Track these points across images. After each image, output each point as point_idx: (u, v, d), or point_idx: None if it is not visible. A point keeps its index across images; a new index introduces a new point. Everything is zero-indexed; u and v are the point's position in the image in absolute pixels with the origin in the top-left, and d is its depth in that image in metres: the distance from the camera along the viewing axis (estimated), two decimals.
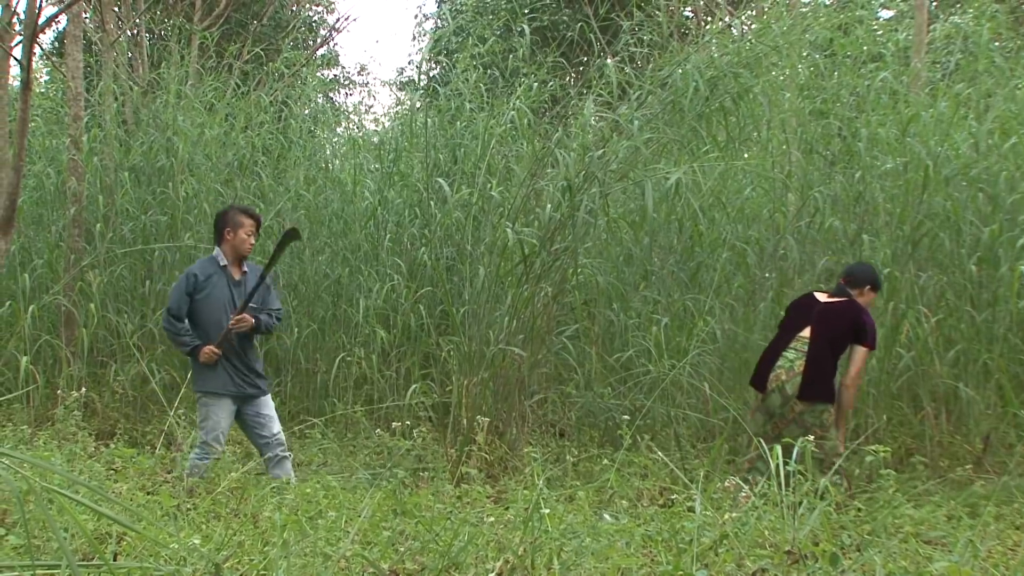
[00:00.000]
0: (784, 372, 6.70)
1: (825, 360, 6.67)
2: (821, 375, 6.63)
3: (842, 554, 3.89)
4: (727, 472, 6.84)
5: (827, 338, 6.70)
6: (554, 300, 8.78)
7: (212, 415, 6.87)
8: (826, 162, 9.25)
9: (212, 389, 6.89)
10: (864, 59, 9.89)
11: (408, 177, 10.80)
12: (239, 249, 7.11)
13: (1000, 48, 10.15)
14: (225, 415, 6.90)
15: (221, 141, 11.07)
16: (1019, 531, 4.88)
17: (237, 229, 7.06)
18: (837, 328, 6.72)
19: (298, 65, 14.62)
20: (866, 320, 6.73)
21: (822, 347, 6.68)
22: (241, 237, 7.08)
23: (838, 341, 6.72)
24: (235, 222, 7.08)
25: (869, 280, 6.94)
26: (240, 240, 7.08)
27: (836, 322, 6.73)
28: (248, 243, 7.13)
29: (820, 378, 6.62)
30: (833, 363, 6.71)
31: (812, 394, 6.60)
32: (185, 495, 5.81)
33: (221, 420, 6.87)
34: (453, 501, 5.84)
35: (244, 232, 7.08)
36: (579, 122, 10.76)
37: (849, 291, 6.87)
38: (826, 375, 6.66)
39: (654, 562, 3.98)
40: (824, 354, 6.67)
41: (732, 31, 12.46)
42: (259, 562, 3.91)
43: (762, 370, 6.90)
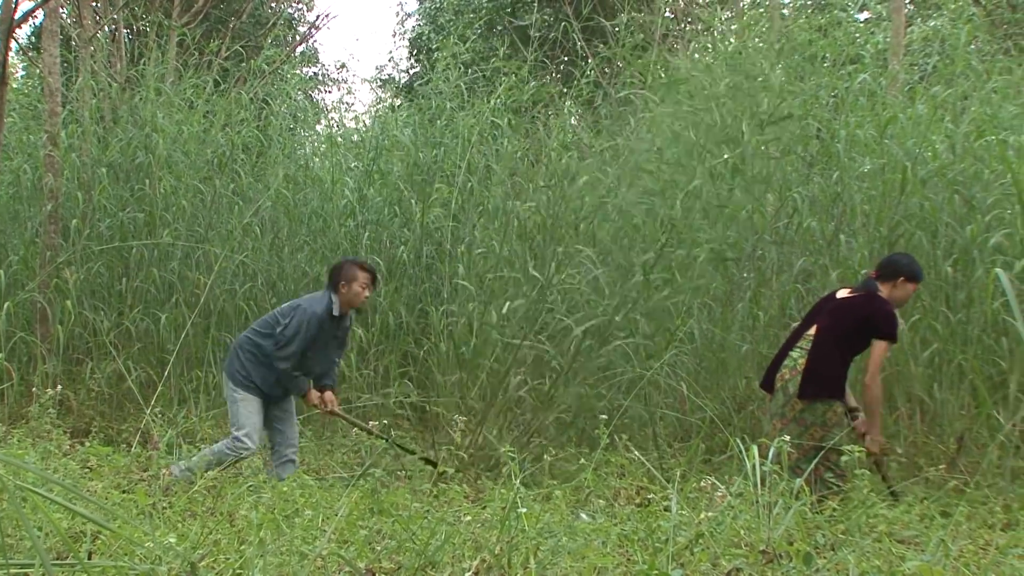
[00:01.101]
0: (788, 371, 6.55)
1: (828, 357, 6.46)
2: (822, 372, 6.44)
3: (816, 553, 3.90)
4: (704, 472, 6.84)
5: (834, 335, 6.49)
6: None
7: (243, 409, 7.03)
8: (804, 163, 9.28)
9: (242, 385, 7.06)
10: (843, 61, 9.93)
11: (388, 176, 10.79)
12: (353, 302, 7.27)
13: (977, 51, 10.20)
14: (256, 410, 7.07)
15: (200, 138, 11.04)
16: (991, 530, 4.90)
17: (351, 283, 7.19)
18: (847, 324, 6.48)
19: (278, 62, 14.59)
20: (881, 313, 6.42)
21: (826, 344, 6.48)
22: (355, 290, 7.21)
23: (851, 338, 6.48)
24: (350, 275, 7.20)
25: (903, 271, 6.55)
26: (355, 293, 7.22)
27: (846, 318, 6.50)
28: (362, 296, 7.28)
29: (821, 376, 6.44)
30: (841, 361, 6.50)
31: (811, 392, 6.42)
32: (161, 493, 5.79)
33: (252, 414, 7.04)
34: (430, 500, 5.84)
35: (358, 285, 7.21)
36: (559, 122, 10.80)
37: (879, 285, 6.55)
38: (828, 372, 6.45)
39: (630, 561, 3.99)
40: (827, 351, 6.47)
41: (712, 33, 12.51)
42: (235, 561, 3.90)
43: (770, 372, 6.78)
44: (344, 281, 7.17)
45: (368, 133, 12.90)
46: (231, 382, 7.10)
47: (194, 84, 11.54)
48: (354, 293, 7.19)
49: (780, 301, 8.66)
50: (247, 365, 7.09)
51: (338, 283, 7.18)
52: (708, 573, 3.78)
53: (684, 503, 4.95)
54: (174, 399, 9.32)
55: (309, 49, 23.08)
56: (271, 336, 7.09)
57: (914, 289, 6.68)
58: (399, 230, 10.33)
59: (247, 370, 7.08)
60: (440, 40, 16.39)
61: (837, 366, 6.50)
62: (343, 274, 7.19)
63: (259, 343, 7.13)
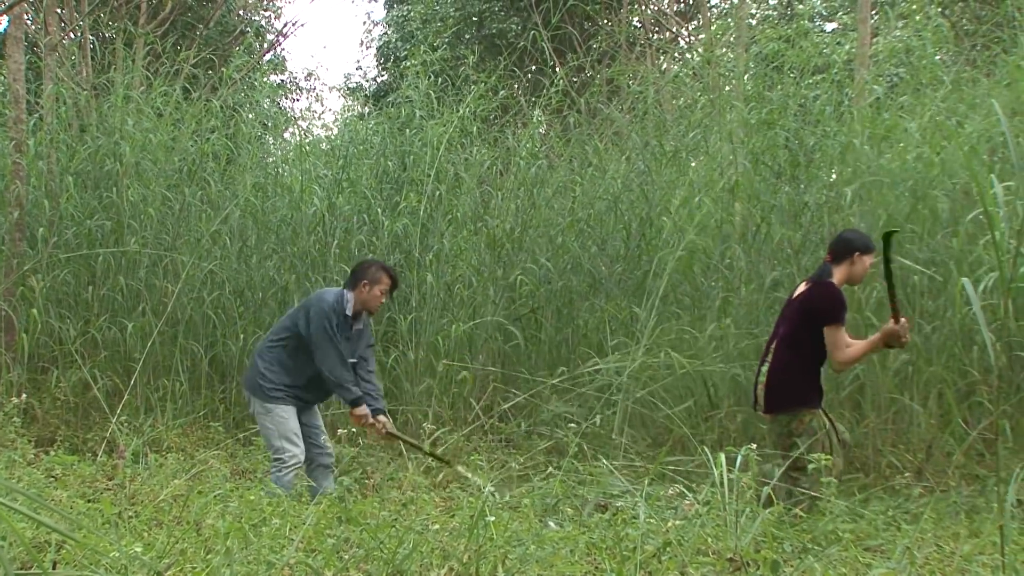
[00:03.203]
0: (760, 386, 6.33)
1: (786, 366, 6.23)
2: (781, 383, 6.22)
3: (784, 561, 3.92)
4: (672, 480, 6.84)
5: (787, 341, 6.26)
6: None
7: (279, 415, 6.87)
8: (772, 172, 9.33)
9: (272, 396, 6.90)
10: (810, 71, 9.99)
11: (357, 184, 10.77)
12: (368, 304, 7.13)
13: (943, 62, 10.28)
14: (292, 415, 6.92)
15: (169, 146, 10.98)
16: (956, 538, 4.93)
17: (374, 285, 7.06)
18: (797, 324, 6.25)
19: (245, 69, 14.54)
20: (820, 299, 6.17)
21: (782, 352, 6.26)
22: (375, 294, 7.09)
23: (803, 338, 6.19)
24: (375, 277, 7.06)
25: (857, 246, 6.26)
26: (373, 296, 7.09)
27: (797, 317, 6.27)
28: (379, 301, 7.16)
29: (780, 386, 6.22)
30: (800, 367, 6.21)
31: (773, 404, 6.25)
32: (127, 503, 5.75)
33: (289, 419, 6.89)
34: (399, 508, 5.82)
35: (379, 289, 7.09)
36: (528, 131, 10.83)
37: (833, 268, 6.24)
38: (788, 382, 6.22)
39: (598, 569, 4.00)
40: (784, 359, 6.24)
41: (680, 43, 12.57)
42: (201, 570, 3.88)
43: (754, 390, 6.49)
44: (368, 281, 7.03)
45: (337, 141, 12.88)
46: (258, 398, 6.92)
47: (163, 92, 11.49)
48: (373, 296, 7.06)
49: (747, 309, 8.69)
50: (270, 375, 6.94)
51: (360, 281, 7.04)
52: None
53: (652, 511, 4.96)
54: (140, 408, 9.26)
55: (277, 57, 23.03)
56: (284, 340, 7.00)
57: (871, 261, 6.35)
58: (368, 238, 10.30)
59: (273, 380, 6.92)
60: (408, 49, 16.40)
61: (797, 373, 6.24)
62: (368, 274, 7.05)
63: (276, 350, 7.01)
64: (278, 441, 6.83)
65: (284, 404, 6.90)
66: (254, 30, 20.69)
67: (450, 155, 10.64)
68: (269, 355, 7.00)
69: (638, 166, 10.68)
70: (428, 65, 11.56)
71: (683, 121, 10.86)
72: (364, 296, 7.04)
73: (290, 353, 6.98)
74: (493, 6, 19.41)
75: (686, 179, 9.80)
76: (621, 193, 10.38)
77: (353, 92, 24.62)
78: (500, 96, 11.67)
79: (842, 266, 6.27)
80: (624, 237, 10.01)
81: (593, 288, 9.98)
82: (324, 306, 6.91)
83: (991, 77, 9.49)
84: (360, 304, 7.06)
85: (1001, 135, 8.14)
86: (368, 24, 26.90)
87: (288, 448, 6.80)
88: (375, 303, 7.13)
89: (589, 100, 12.02)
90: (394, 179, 10.66)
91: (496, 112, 11.97)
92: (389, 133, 11.12)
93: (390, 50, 22.32)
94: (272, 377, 6.93)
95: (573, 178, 11.11)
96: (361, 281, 7.04)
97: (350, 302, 7.00)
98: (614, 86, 13.96)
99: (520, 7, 18.28)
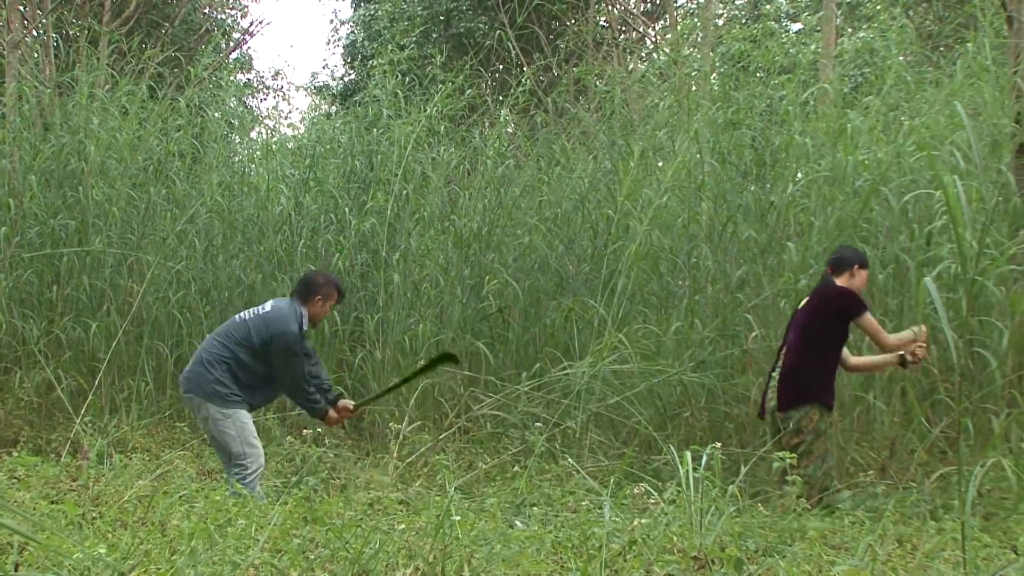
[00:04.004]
0: (772, 392, 6.72)
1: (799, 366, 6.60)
2: (793, 381, 6.59)
3: (748, 559, 3.94)
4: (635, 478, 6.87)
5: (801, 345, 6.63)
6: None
7: (240, 420, 6.73)
8: (739, 172, 9.37)
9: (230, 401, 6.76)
10: (776, 71, 10.05)
11: (324, 183, 10.75)
12: (317, 318, 7.08)
13: (907, 62, 10.36)
14: (249, 419, 6.82)
15: (134, 145, 10.92)
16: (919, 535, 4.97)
17: (327, 301, 7.01)
18: (811, 326, 6.62)
19: (211, 68, 14.48)
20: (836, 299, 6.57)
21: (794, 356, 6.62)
22: (326, 309, 7.06)
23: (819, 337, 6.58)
24: (327, 294, 6.99)
25: (856, 260, 6.72)
26: (324, 311, 7.06)
27: (810, 321, 6.64)
28: (326, 314, 7.20)
29: (792, 385, 6.58)
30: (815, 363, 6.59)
31: (785, 403, 6.58)
32: (91, 504, 5.72)
33: (248, 423, 6.78)
34: (365, 508, 5.82)
35: (330, 305, 7.08)
36: (495, 130, 10.84)
37: (834, 280, 6.68)
38: (799, 380, 6.58)
39: (564, 568, 4.00)
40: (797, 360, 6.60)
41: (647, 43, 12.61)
42: (166, 571, 3.85)
43: (762, 399, 6.91)
44: (322, 297, 6.94)
45: (304, 140, 12.85)
46: (216, 404, 6.69)
47: (129, 91, 11.42)
48: (323, 311, 7.03)
49: (714, 308, 8.73)
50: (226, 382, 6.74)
51: (314, 296, 6.94)
52: None
53: (617, 510, 4.98)
54: (105, 408, 9.21)
55: (243, 55, 22.94)
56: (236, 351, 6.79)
57: (867, 274, 6.82)
58: (335, 238, 10.28)
59: (230, 387, 6.74)
60: (375, 47, 16.38)
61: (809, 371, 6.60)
62: (322, 291, 6.95)
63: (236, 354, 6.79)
64: (240, 447, 6.67)
65: (241, 408, 6.77)
66: (220, 29, 20.61)
67: (417, 154, 10.64)
68: (222, 366, 6.77)
69: (605, 165, 10.71)
70: (395, 64, 11.56)
71: (650, 121, 10.89)
72: (316, 310, 6.98)
73: (240, 364, 6.79)
74: (460, 5, 19.40)
75: (653, 178, 9.83)
76: (588, 192, 10.41)
77: (320, 91, 24.56)
78: (467, 95, 11.68)
79: (842, 278, 6.67)
80: (591, 236, 10.04)
81: (560, 287, 10.00)
82: (292, 333, 6.77)
83: (953, 78, 9.57)
84: (312, 318, 7.00)
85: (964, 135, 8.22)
86: (335, 23, 26.79)
87: (250, 452, 6.69)
88: (323, 316, 7.13)
89: (556, 100, 12.04)
90: (361, 178, 10.64)
91: (463, 111, 11.98)
92: (356, 132, 11.10)
93: (357, 49, 22.29)
94: (229, 383, 6.75)
95: (540, 177, 11.13)
96: (316, 296, 6.94)
97: (304, 317, 6.91)
98: (581, 86, 14.00)
99: (487, 6, 18.28)
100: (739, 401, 8.23)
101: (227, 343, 6.83)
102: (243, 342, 6.79)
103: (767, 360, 8.31)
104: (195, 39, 19.02)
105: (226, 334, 6.91)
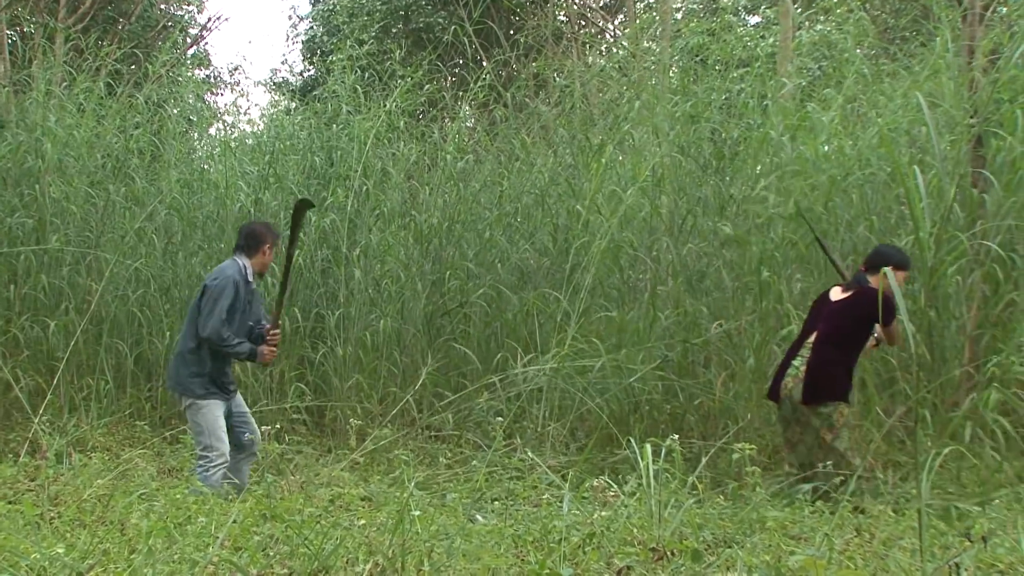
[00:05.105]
0: (791, 379, 6.72)
1: (828, 361, 6.63)
2: (824, 376, 6.61)
3: (707, 550, 3.97)
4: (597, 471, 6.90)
5: (834, 338, 6.66)
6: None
7: (209, 413, 6.82)
8: (698, 165, 9.40)
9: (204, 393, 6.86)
10: (734, 64, 10.09)
11: (284, 180, 10.70)
12: (264, 266, 7.19)
13: (865, 55, 10.42)
14: (221, 413, 6.89)
15: (92, 142, 10.84)
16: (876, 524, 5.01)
17: (271, 248, 7.13)
18: (846, 325, 6.64)
19: (169, 64, 14.37)
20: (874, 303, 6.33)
21: (825, 348, 6.65)
22: (271, 256, 7.19)
23: (850, 337, 6.63)
24: (271, 241, 7.13)
25: (892, 261, 6.53)
26: (269, 259, 7.17)
27: (845, 319, 6.66)
28: (271, 260, 7.26)
29: (822, 381, 6.60)
30: (843, 362, 6.64)
31: (815, 397, 6.59)
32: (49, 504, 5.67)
33: (220, 417, 6.85)
34: (326, 504, 5.81)
35: (272, 250, 7.18)
36: (455, 125, 10.83)
37: (868, 278, 6.70)
38: (830, 375, 6.61)
39: (524, 562, 4.01)
40: (827, 354, 6.63)
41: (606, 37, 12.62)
42: (124, 570, 3.83)
43: (775, 382, 6.92)
44: (268, 244, 7.06)
45: (263, 137, 12.78)
46: (190, 396, 6.85)
47: (86, 88, 11.32)
48: (268, 258, 7.14)
49: (675, 302, 8.76)
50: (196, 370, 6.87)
51: (261, 247, 7.05)
52: (600, 571, 3.82)
53: (578, 503, 5.00)
54: (64, 407, 9.13)
55: (201, 52, 22.80)
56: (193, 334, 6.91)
57: (904, 277, 6.86)
58: None
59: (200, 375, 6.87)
60: (334, 43, 16.31)
61: (839, 368, 6.65)
62: (264, 239, 7.06)
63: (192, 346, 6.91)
64: (207, 439, 6.77)
65: (215, 399, 6.87)
66: (177, 24, 20.47)
67: (377, 150, 10.62)
68: (191, 356, 6.89)
69: (565, 160, 10.72)
70: (355, 60, 11.52)
71: (609, 114, 10.92)
72: (264, 259, 7.11)
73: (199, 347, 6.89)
74: (419, 0, 19.36)
75: (614, 172, 9.85)
76: (548, 187, 10.42)
77: (279, 87, 24.43)
78: (427, 91, 11.67)
79: (875, 278, 6.68)
80: (551, 230, 10.04)
81: (522, 282, 10.01)
82: (225, 278, 6.87)
83: (910, 70, 9.64)
84: (258, 267, 7.11)
85: (923, 126, 8.29)
86: (294, 18, 26.68)
87: (216, 446, 6.76)
88: (268, 263, 7.22)
89: (516, 94, 12.04)
90: (321, 174, 10.61)
91: (423, 107, 11.97)
92: (316, 128, 11.07)
93: (316, 44, 22.19)
94: (198, 372, 6.87)
95: (500, 172, 11.13)
96: (264, 246, 7.05)
97: (249, 269, 7.02)
98: (541, 80, 14.01)
99: (446, 1, 18.26)
100: (702, 394, 8.27)
101: (188, 331, 6.97)
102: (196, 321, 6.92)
103: (729, 352, 8.38)
104: (152, 35, 18.88)
105: (188, 323, 7.03)
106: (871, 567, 3.75)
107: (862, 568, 3.70)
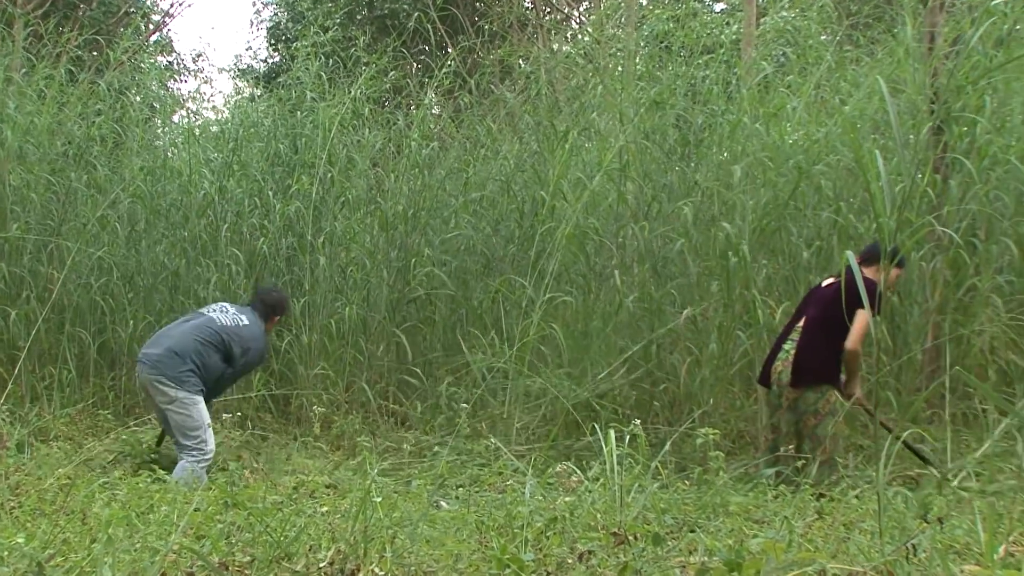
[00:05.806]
0: (781, 363, 6.78)
1: (816, 346, 6.68)
2: (811, 361, 6.67)
3: (669, 535, 3.98)
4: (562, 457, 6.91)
5: (821, 323, 6.68)
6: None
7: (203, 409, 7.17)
8: (663, 151, 9.41)
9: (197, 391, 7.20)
10: (699, 51, 10.10)
11: (248, 167, 10.64)
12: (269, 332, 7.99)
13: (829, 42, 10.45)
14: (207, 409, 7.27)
15: (53, 129, 10.74)
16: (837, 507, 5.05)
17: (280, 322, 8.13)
18: (833, 311, 6.52)
19: (131, 51, 14.25)
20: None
21: (813, 332, 6.71)
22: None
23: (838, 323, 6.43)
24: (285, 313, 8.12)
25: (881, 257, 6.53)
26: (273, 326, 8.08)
27: (832, 305, 6.59)
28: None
29: (810, 364, 6.66)
30: (829, 347, 6.64)
31: (802, 380, 6.65)
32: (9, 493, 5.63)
33: (207, 413, 7.20)
34: (290, 492, 5.79)
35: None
36: (420, 112, 10.80)
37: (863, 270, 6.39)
38: (817, 360, 6.67)
39: (487, 547, 4.01)
40: (814, 339, 6.69)
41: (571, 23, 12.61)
42: (83, 559, 3.81)
43: (766, 366, 6.98)
44: (280, 316, 7.93)
45: (227, 124, 12.70)
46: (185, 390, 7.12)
47: (47, 75, 11.20)
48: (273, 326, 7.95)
49: (641, 289, 8.76)
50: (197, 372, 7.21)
51: (275, 316, 7.85)
52: (563, 556, 3.82)
53: (542, 489, 5.01)
54: (26, 397, 9.06)
55: (163, 38, 22.63)
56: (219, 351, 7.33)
57: (898, 273, 6.90)
58: (259, 221, 10.18)
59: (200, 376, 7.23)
60: (299, 29, 16.22)
61: (826, 353, 6.69)
62: (283, 310, 7.97)
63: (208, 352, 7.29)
64: (203, 432, 7.07)
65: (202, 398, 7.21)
66: (139, 10, 20.29)
67: (342, 137, 10.58)
68: (197, 358, 7.23)
69: (531, 146, 10.71)
70: (319, 46, 11.46)
71: (575, 101, 10.91)
72: (271, 327, 7.91)
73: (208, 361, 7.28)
74: None
75: (578, 159, 9.85)
76: (514, 174, 10.40)
77: (243, 74, 24.29)
78: (391, 77, 11.62)
79: (870, 270, 6.67)
80: (517, 217, 10.03)
81: (487, 269, 10.00)
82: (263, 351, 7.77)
83: (874, 56, 9.69)
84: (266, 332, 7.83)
85: (884, 112, 8.33)
86: (258, 4, 26.53)
87: (209, 441, 7.10)
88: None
89: (481, 81, 12.01)
90: (286, 162, 10.55)
91: (388, 94, 11.91)
92: (280, 115, 11.01)
93: (280, 31, 22.10)
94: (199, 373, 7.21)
95: (466, 159, 11.10)
96: (279, 317, 7.94)
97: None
98: (506, 67, 13.98)
99: None
100: (667, 379, 8.29)
101: (200, 341, 7.31)
102: (216, 345, 7.36)
103: (693, 340, 8.39)
104: (114, 21, 18.71)
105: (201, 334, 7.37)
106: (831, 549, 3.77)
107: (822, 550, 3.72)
